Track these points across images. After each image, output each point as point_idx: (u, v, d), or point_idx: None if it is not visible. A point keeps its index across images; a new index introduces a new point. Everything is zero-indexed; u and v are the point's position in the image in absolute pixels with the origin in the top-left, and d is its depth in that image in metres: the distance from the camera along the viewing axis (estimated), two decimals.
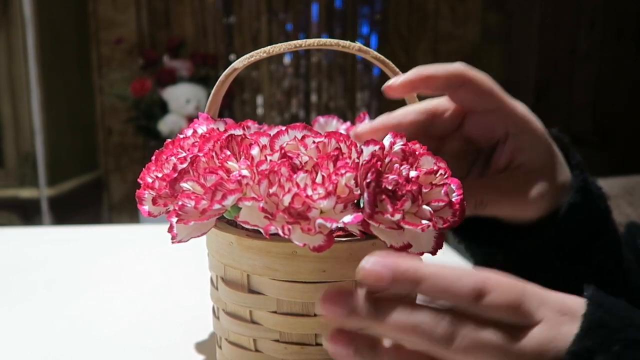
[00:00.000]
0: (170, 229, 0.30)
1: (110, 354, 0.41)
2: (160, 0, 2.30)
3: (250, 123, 0.42)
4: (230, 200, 0.27)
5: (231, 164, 0.29)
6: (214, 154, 0.30)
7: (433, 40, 2.43)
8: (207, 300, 0.52)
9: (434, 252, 0.29)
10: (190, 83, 2.00)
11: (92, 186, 2.30)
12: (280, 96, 2.40)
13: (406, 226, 0.27)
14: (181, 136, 0.35)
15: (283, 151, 0.29)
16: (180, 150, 0.33)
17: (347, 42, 0.35)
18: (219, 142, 0.31)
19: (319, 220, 0.26)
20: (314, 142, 0.29)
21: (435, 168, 0.30)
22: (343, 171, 0.27)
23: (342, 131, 0.43)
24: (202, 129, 0.35)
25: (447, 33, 2.42)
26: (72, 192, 2.06)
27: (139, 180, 0.34)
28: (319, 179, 0.27)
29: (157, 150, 0.34)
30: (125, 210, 2.40)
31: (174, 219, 0.29)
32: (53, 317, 0.47)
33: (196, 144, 0.32)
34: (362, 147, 0.29)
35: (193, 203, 0.28)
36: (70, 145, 2.10)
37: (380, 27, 2.41)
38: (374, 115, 2.33)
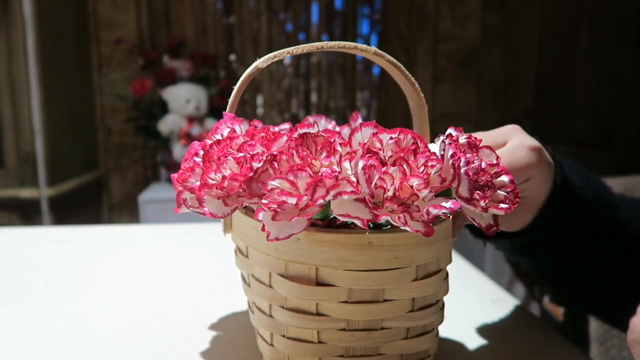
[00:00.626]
0: (263, 228, 0.29)
1: (110, 354, 0.41)
2: (160, 0, 2.30)
3: (256, 123, 0.42)
4: (331, 196, 0.28)
5: (315, 161, 0.30)
6: (294, 152, 0.31)
7: (433, 40, 2.43)
8: (207, 300, 0.52)
9: (498, 228, 0.34)
10: (190, 83, 2.00)
11: (92, 186, 2.30)
12: (280, 96, 2.40)
13: (494, 210, 0.32)
14: (217, 136, 0.35)
15: (367, 147, 0.31)
16: (231, 150, 0.33)
17: (364, 46, 0.37)
18: (293, 141, 0.31)
19: (430, 208, 0.28)
20: (391, 137, 0.32)
21: (495, 161, 0.34)
22: (432, 163, 0.30)
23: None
24: (239, 128, 0.35)
25: (447, 33, 2.42)
26: (72, 192, 2.05)
27: (176, 182, 0.34)
28: (412, 171, 0.30)
29: (196, 151, 0.34)
30: (125, 210, 2.40)
31: (267, 217, 0.29)
32: (53, 317, 0.47)
33: (250, 143, 0.32)
34: (444, 140, 0.32)
35: (295, 200, 0.28)
36: (70, 145, 2.09)
37: (380, 27, 2.41)
38: (374, 116, 2.33)
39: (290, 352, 0.35)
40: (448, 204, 0.29)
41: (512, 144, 0.41)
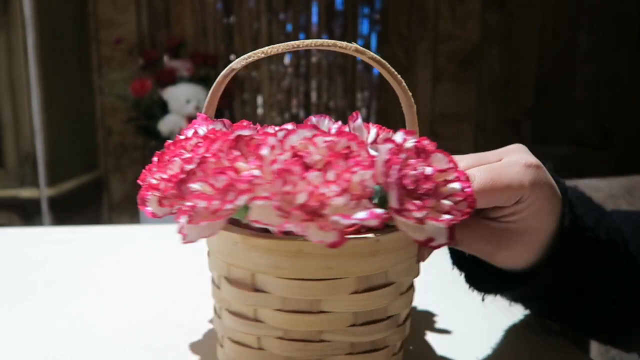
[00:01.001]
0: (180, 230, 0.29)
1: (110, 354, 0.41)
2: (160, 0, 2.30)
3: (244, 123, 0.42)
4: (242, 200, 0.28)
5: (241, 164, 0.29)
6: (222, 154, 0.30)
7: (433, 40, 2.43)
8: (207, 301, 0.52)
9: (450, 242, 0.30)
10: (190, 83, 2.00)
11: (92, 186, 2.30)
12: (280, 96, 2.40)
13: (430, 222, 0.28)
14: (182, 137, 0.35)
15: (294, 150, 0.29)
16: (183, 151, 0.33)
17: (344, 43, 0.35)
18: (226, 143, 0.31)
19: (335, 217, 0.26)
20: (324, 141, 0.30)
21: (447, 167, 0.31)
22: (356, 169, 0.28)
23: (334, 131, 0.43)
24: (202, 130, 0.35)
25: (447, 33, 2.42)
26: (72, 192, 2.05)
27: (139, 181, 0.34)
28: (331, 177, 0.28)
29: (157, 152, 0.34)
30: (125, 210, 2.40)
31: (184, 220, 0.29)
32: (53, 317, 0.47)
33: (200, 144, 0.32)
34: (379, 145, 0.29)
35: (205, 204, 0.28)
36: (70, 145, 2.09)
37: (380, 27, 2.41)
38: (374, 116, 2.33)
39: (236, 356, 0.34)
40: (361, 214, 0.27)
41: (506, 159, 0.37)
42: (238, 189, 0.28)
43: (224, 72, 0.36)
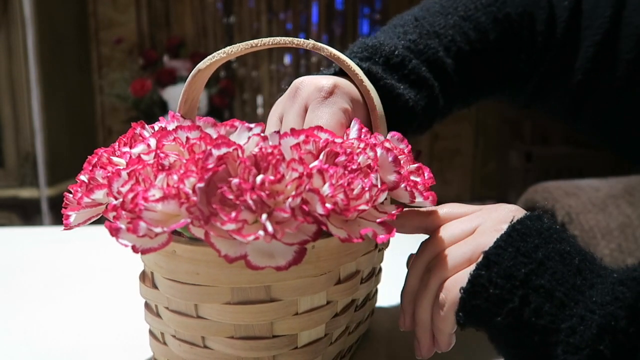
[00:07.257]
0: (65, 217, 0.31)
1: (110, 354, 0.41)
2: (160, 0, 2.30)
3: (237, 122, 0.42)
4: (98, 195, 0.29)
5: (116, 159, 0.31)
6: (115, 149, 0.32)
7: None
8: None
9: (285, 267, 0.26)
10: None
11: None
12: (280, 96, 2.40)
13: (237, 237, 0.25)
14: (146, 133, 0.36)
15: (158, 151, 0.29)
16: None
17: (302, 40, 0.35)
18: (124, 138, 0.32)
19: (142, 223, 0.25)
20: (189, 144, 0.29)
21: (280, 176, 0.26)
22: (190, 176, 0.26)
23: None
24: (150, 129, 0.34)
25: None
26: None
27: None
28: (172, 182, 0.27)
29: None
30: None
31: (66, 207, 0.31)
32: (53, 317, 0.47)
33: (125, 141, 0.34)
34: (213, 149, 0.27)
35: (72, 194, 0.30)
36: (70, 145, 2.10)
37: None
38: None
39: (152, 347, 0.36)
40: (178, 223, 0.25)
41: (480, 229, 0.33)
42: (96, 184, 0.29)
43: (192, 72, 0.37)
